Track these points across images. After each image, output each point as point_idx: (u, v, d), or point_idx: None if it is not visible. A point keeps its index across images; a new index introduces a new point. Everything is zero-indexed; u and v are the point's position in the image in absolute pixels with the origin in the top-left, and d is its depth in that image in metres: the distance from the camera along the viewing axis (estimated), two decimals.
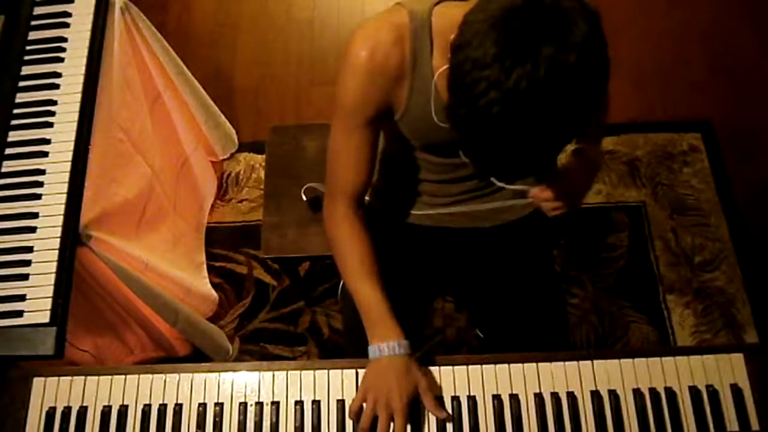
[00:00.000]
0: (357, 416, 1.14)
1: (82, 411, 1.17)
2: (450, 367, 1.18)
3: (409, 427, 1.14)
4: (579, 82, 0.83)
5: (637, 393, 1.15)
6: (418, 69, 1.10)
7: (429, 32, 1.08)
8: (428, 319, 1.99)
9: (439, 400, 1.16)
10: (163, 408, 1.17)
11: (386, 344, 1.14)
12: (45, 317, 1.24)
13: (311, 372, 1.19)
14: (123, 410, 1.17)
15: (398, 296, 1.22)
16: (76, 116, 1.41)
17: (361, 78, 1.09)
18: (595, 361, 1.18)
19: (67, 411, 1.17)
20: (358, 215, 1.25)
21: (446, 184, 1.33)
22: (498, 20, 0.83)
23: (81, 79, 1.45)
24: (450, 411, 1.15)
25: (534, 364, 1.18)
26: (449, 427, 1.14)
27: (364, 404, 1.13)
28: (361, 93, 1.11)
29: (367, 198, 1.47)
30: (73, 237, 1.32)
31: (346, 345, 1.49)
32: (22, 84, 1.44)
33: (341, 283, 1.46)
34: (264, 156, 2.04)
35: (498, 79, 0.81)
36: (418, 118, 1.14)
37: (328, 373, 1.19)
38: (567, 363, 1.18)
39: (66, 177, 1.35)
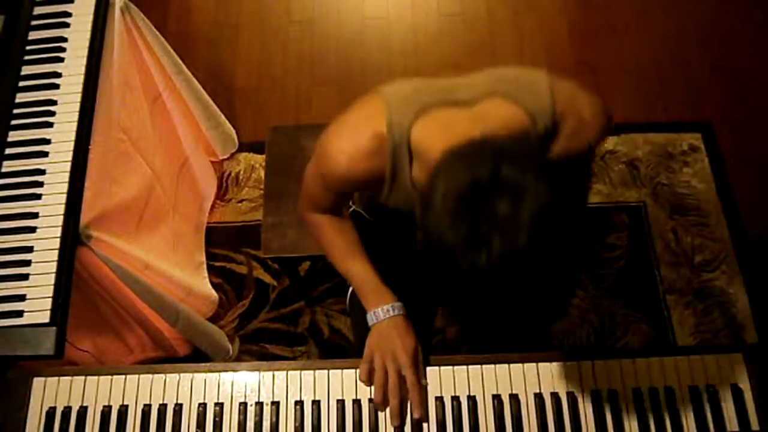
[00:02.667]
0: (369, 379, 1.17)
1: (82, 411, 1.17)
2: (450, 367, 1.18)
3: (408, 428, 1.14)
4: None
5: (637, 393, 1.15)
6: (397, 181, 1.11)
7: (408, 150, 1.07)
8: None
9: (439, 399, 1.16)
10: (163, 408, 1.17)
11: (381, 308, 1.20)
12: (45, 317, 1.24)
13: (311, 372, 1.19)
14: (123, 410, 1.17)
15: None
16: (76, 116, 1.41)
17: (340, 178, 1.12)
18: (595, 361, 1.18)
19: (67, 411, 1.17)
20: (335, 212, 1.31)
21: None
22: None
23: (81, 79, 1.45)
24: (450, 411, 1.15)
25: (534, 364, 1.18)
26: (449, 427, 1.14)
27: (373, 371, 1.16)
28: (339, 186, 1.16)
29: (363, 212, 1.47)
30: (73, 237, 1.32)
31: (354, 350, 1.49)
32: (22, 84, 1.44)
33: (350, 289, 1.46)
34: (264, 156, 2.04)
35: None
36: (401, 206, 1.16)
37: (328, 373, 1.19)
38: (567, 363, 1.18)
39: (66, 177, 1.35)
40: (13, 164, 1.37)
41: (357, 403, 1.16)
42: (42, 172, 1.35)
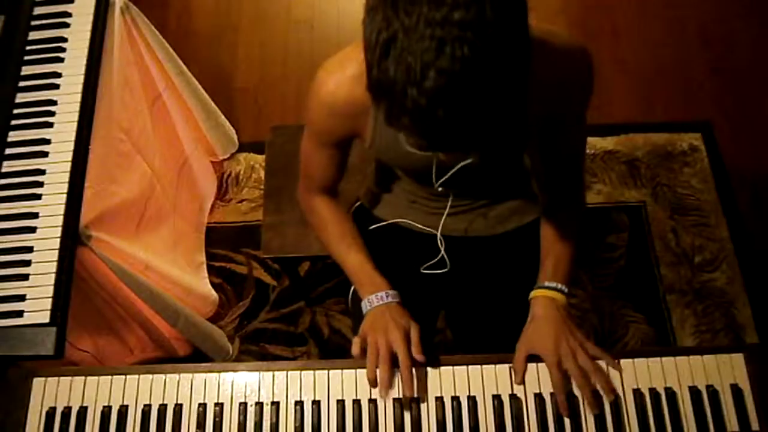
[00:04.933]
0: (360, 354, 1.17)
1: (82, 411, 1.17)
2: (450, 367, 1.18)
3: (408, 427, 1.14)
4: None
5: (637, 393, 1.15)
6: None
7: None
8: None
9: (439, 399, 1.16)
10: (163, 408, 1.16)
11: (375, 295, 1.21)
12: (45, 317, 1.24)
13: (311, 372, 1.19)
14: (123, 410, 1.16)
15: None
16: (76, 116, 1.41)
17: (325, 111, 1.12)
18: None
19: (67, 411, 1.17)
20: (333, 197, 1.31)
21: (439, 198, 1.32)
22: None
23: (81, 79, 1.45)
24: (450, 411, 1.15)
25: (534, 364, 1.18)
26: (449, 427, 1.14)
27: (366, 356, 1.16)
28: (326, 123, 1.15)
29: (364, 203, 1.47)
30: (73, 237, 1.32)
31: None
32: (22, 84, 1.44)
33: (352, 288, 1.45)
34: (264, 156, 2.04)
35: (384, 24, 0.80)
36: (388, 147, 1.14)
37: (328, 373, 1.19)
38: None
39: (66, 177, 1.35)
40: (13, 164, 1.37)
41: (357, 403, 1.16)
42: (42, 172, 1.35)
